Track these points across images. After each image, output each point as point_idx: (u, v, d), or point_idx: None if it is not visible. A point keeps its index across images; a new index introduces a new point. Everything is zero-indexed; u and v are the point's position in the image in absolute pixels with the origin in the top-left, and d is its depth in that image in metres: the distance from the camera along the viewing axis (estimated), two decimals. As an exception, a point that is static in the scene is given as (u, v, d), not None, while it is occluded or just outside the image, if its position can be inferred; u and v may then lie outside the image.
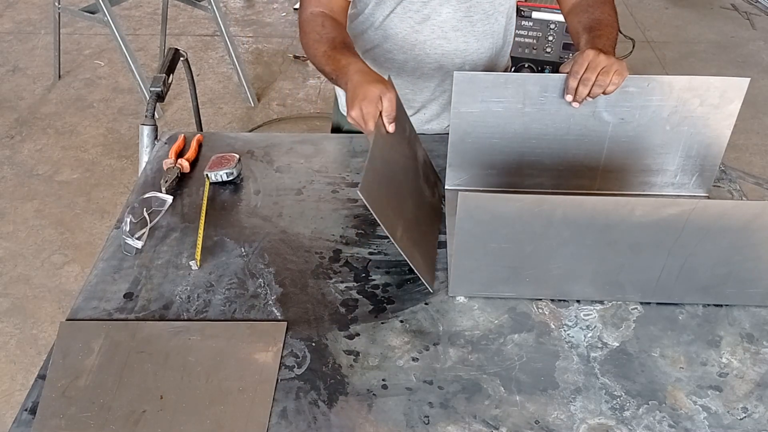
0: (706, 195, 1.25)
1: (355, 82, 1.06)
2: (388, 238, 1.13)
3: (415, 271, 1.02)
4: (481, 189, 1.22)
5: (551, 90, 1.13)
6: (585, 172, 1.22)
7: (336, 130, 1.58)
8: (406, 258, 0.99)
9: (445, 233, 1.16)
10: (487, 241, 0.96)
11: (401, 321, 1.00)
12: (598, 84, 1.07)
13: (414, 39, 1.30)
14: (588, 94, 1.08)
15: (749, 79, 1.14)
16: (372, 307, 1.03)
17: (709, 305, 1.03)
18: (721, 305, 1.03)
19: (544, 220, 0.93)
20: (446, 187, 1.24)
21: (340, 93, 1.52)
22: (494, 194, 0.91)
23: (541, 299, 1.04)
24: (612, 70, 1.06)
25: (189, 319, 1.00)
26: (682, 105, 1.14)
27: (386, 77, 1.09)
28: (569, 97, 1.11)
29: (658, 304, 1.03)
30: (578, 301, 1.04)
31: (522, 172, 1.22)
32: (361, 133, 1.07)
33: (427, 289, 1.05)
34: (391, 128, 1.04)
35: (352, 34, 1.38)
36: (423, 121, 1.44)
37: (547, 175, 1.22)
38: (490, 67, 1.40)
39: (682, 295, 1.03)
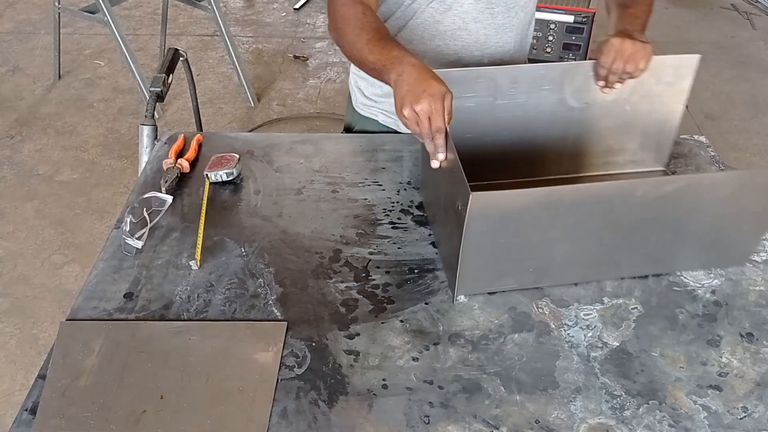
0: (664, 170, 1.31)
1: (415, 75, 0.96)
2: (389, 237, 1.14)
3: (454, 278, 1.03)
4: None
5: (521, 81, 1.15)
6: (554, 158, 1.26)
7: (347, 130, 1.55)
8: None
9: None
10: (496, 238, 0.96)
11: (401, 321, 1.00)
12: (626, 71, 1.11)
13: (435, 30, 1.29)
14: (617, 81, 1.13)
15: (699, 56, 1.20)
16: (372, 307, 1.03)
17: (708, 305, 1.03)
18: (721, 305, 1.03)
19: (552, 210, 0.94)
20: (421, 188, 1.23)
21: (357, 91, 1.48)
22: (505, 191, 0.90)
23: (541, 287, 1.04)
24: (638, 57, 1.10)
25: (189, 319, 1.00)
26: (640, 85, 1.18)
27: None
28: (601, 83, 1.15)
29: (658, 304, 1.03)
30: (578, 301, 1.04)
31: (494, 165, 1.23)
32: (372, 132, 1.04)
33: (428, 289, 1.05)
34: (438, 159, 0.98)
35: None
36: None
37: (519, 165, 1.25)
38: (507, 63, 1.38)
39: (673, 265, 1.07)
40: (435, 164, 0.98)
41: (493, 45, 1.33)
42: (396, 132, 1.45)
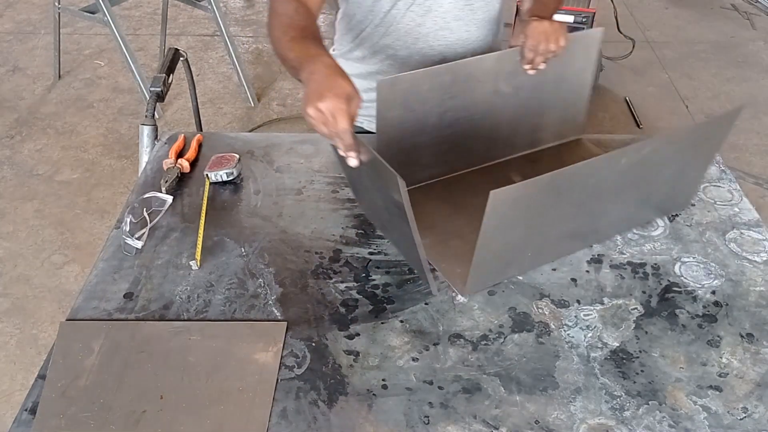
0: (579, 137, 1.41)
1: (324, 74, 0.93)
2: (389, 238, 1.14)
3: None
4: (412, 186, 1.23)
5: (459, 77, 1.18)
6: (491, 144, 1.31)
7: None
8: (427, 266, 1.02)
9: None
10: (508, 231, 0.97)
11: (401, 321, 1.00)
12: (550, 50, 1.19)
13: (417, 33, 1.30)
14: (543, 61, 1.20)
15: (603, 29, 1.33)
16: (372, 307, 1.03)
17: (708, 305, 1.03)
18: (721, 305, 1.03)
19: (554, 195, 0.97)
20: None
21: None
22: (521, 183, 0.90)
23: (542, 288, 1.04)
24: (558, 34, 1.18)
25: (189, 319, 1.00)
26: (555, 63, 1.24)
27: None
28: (527, 67, 1.21)
29: (658, 304, 1.03)
30: (578, 301, 1.04)
31: (443, 161, 1.27)
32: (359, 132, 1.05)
33: (428, 289, 1.05)
34: (353, 160, 0.95)
35: (351, 35, 1.38)
36: None
37: (465, 156, 1.29)
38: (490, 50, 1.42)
39: (639, 220, 1.18)
40: (353, 162, 0.95)
41: (475, 40, 1.35)
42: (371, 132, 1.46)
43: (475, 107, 1.22)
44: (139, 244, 1.12)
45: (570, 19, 2.71)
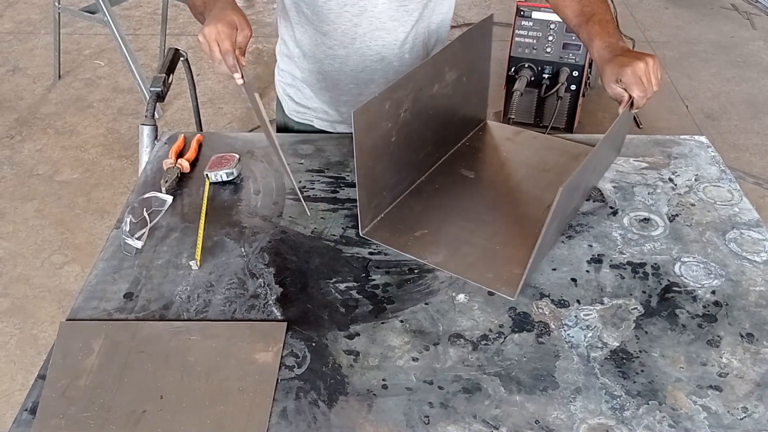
0: (484, 120, 1.48)
1: (219, 8, 1.07)
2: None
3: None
4: (389, 208, 1.22)
5: (408, 87, 1.13)
6: (436, 144, 1.32)
7: (283, 130, 1.56)
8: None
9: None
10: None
11: (401, 321, 1.00)
12: (652, 92, 1.11)
13: (354, 33, 1.30)
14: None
15: (492, 14, 1.36)
16: (372, 307, 1.03)
17: (708, 305, 1.03)
18: (721, 305, 1.03)
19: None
20: (365, 230, 1.19)
21: (287, 98, 1.53)
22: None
23: (541, 299, 1.04)
24: (655, 72, 1.10)
25: (189, 319, 1.00)
26: (457, 55, 1.28)
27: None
28: (621, 109, 1.14)
29: (658, 304, 1.03)
30: (578, 301, 1.04)
31: (404, 177, 1.25)
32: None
33: (428, 289, 1.05)
34: (238, 79, 1.08)
35: (289, 34, 1.38)
36: None
37: (419, 165, 1.29)
38: (430, 51, 1.41)
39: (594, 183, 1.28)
40: (239, 81, 1.09)
41: (411, 40, 1.34)
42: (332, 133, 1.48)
43: (420, 114, 1.21)
44: (139, 244, 1.12)
45: (570, 19, 2.71)
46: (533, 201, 1.24)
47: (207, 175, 1.26)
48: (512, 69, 2.77)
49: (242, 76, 1.09)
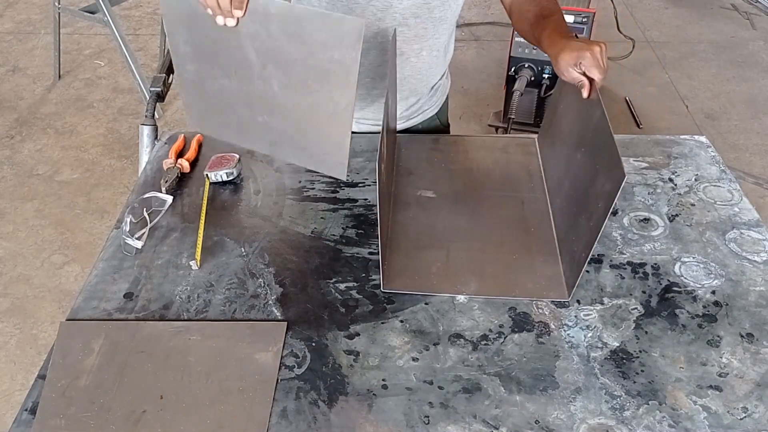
0: None
1: None
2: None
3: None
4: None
5: None
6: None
7: None
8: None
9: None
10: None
11: (401, 321, 1.00)
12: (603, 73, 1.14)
13: (377, 27, 1.31)
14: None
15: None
16: (372, 307, 1.03)
17: (708, 305, 1.03)
18: (721, 305, 1.03)
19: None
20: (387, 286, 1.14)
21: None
22: None
23: (537, 300, 1.04)
24: (605, 54, 1.14)
25: (189, 319, 1.00)
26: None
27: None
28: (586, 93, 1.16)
29: (658, 304, 1.03)
30: (578, 301, 1.04)
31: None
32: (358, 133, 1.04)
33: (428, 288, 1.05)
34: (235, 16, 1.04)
35: None
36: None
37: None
38: (443, 53, 1.42)
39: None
40: (231, 22, 1.04)
41: (431, 37, 1.35)
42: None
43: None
44: (139, 244, 1.12)
45: (570, 19, 2.70)
46: (506, 200, 1.24)
47: (207, 175, 1.26)
48: (512, 69, 2.77)
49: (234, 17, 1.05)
